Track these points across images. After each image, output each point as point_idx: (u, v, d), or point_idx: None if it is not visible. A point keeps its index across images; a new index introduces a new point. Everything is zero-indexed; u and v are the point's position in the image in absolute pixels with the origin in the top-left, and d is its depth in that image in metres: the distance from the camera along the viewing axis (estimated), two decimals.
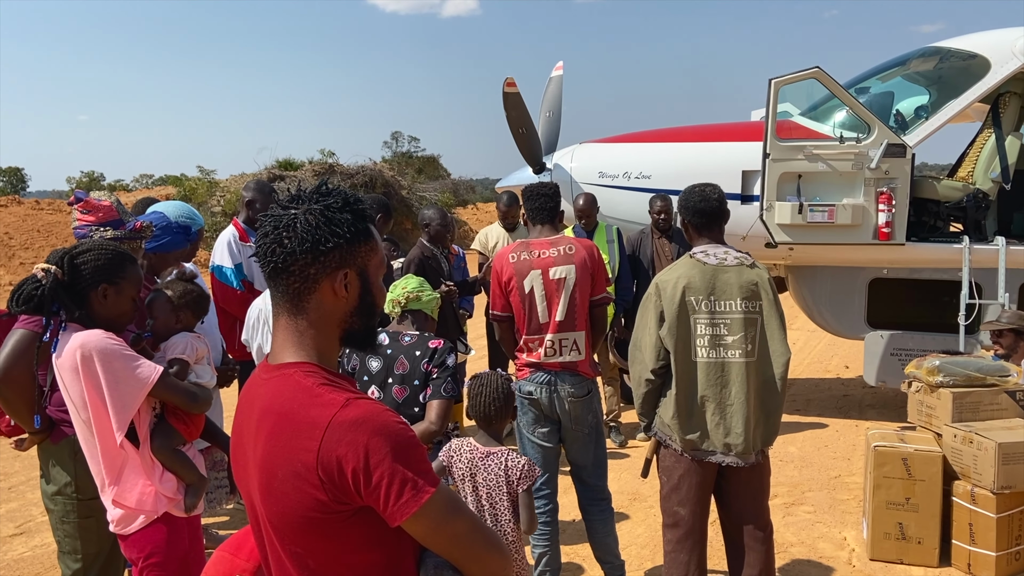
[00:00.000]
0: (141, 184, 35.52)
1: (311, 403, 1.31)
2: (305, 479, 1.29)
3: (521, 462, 2.87)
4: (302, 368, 1.38)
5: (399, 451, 1.29)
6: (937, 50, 6.34)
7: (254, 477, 1.38)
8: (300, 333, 1.41)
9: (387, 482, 1.27)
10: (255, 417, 1.39)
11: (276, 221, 1.39)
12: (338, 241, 1.38)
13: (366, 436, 1.27)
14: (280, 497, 1.32)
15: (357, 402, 1.31)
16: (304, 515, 1.31)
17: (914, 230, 6.07)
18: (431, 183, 30.42)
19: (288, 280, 1.39)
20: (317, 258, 1.37)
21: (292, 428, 1.31)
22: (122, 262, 2.49)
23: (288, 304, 1.41)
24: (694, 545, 3.28)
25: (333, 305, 1.41)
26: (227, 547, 1.59)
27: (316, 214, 1.38)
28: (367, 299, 1.45)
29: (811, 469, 5.51)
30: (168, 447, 2.51)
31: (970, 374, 4.27)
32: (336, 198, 1.41)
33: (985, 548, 3.93)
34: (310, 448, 1.28)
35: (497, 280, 3.59)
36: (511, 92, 6.39)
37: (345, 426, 1.28)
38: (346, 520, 1.31)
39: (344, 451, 1.27)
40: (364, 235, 1.42)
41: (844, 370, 8.41)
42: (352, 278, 1.41)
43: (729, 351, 3.17)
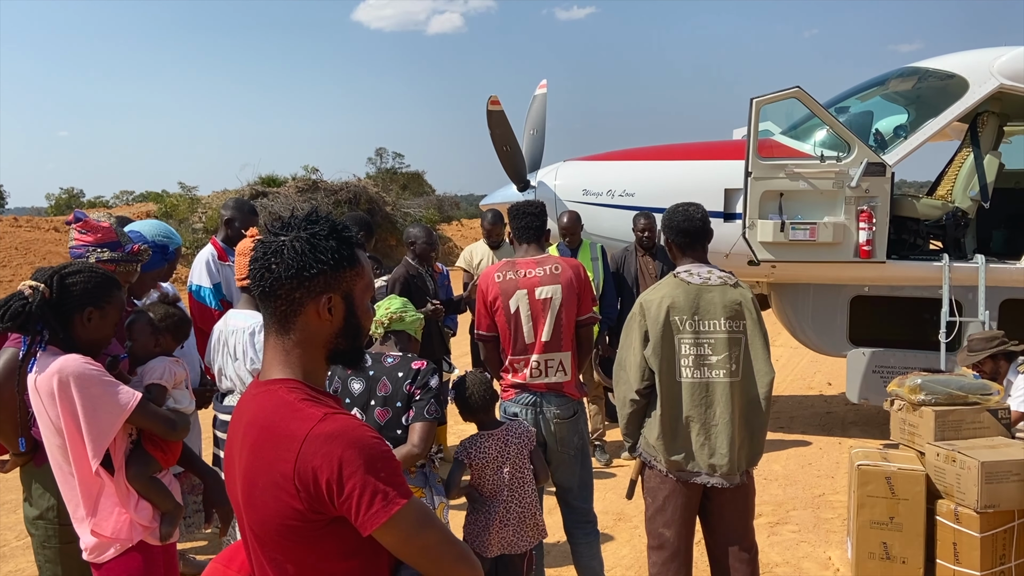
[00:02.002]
0: (121, 200, 35.26)
1: (291, 417, 1.40)
2: (283, 488, 1.37)
3: (523, 428, 3.29)
4: (287, 384, 1.46)
5: (371, 463, 1.36)
6: (916, 70, 6.42)
7: (239, 487, 1.46)
8: (287, 352, 1.49)
9: (359, 492, 1.34)
10: (241, 430, 1.47)
11: (266, 248, 1.48)
12: (322, 268, 1.45)
13: (340, 448, 1.35)
14: (260, 506, 1.41)
15: (334, 416, 1.39)
16: (282, 523, 1.39)
17: (895, 248, 6.12)
18: (415, 199, 30.43)
19: (276, 303, 1.47)
20: (302, 283, 1.45)
21: (272, 440, 1.39)
22: (109, 287, 2.46)
23: (276, 324, 1.49)
24: (680, 567, 3.26)
25: (318, 327, 1.48)
26: (221, 559, 1.64)
27: (303, 241, 1.46)
28: (352, 321, 1.52)
29: (795, 487, 5.50)
30: (144, 475, 2.46)
31: (952, 392, 4.28)
32: (323, 226, 1.48)
33: (969, 567, 3.93)
34: (288, 459, 1.36)
35: (482, 299, 3.57)
36: (495, 110, 6.40)
37: (321, 439, 1.35)
38: (322, 528, 1.39)
39: (319, 462, 1.34)
40: (349, 261, 1.50)
41: (827, 387, 8.44)
42: (336, 302, 1.48)
43: (713, 371, 3.16)
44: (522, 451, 3.24)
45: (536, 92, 7.45)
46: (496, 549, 3.14)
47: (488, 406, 3.26)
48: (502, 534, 3.13)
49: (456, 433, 6.03)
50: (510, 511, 3.15)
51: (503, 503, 3.15)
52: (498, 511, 3.13)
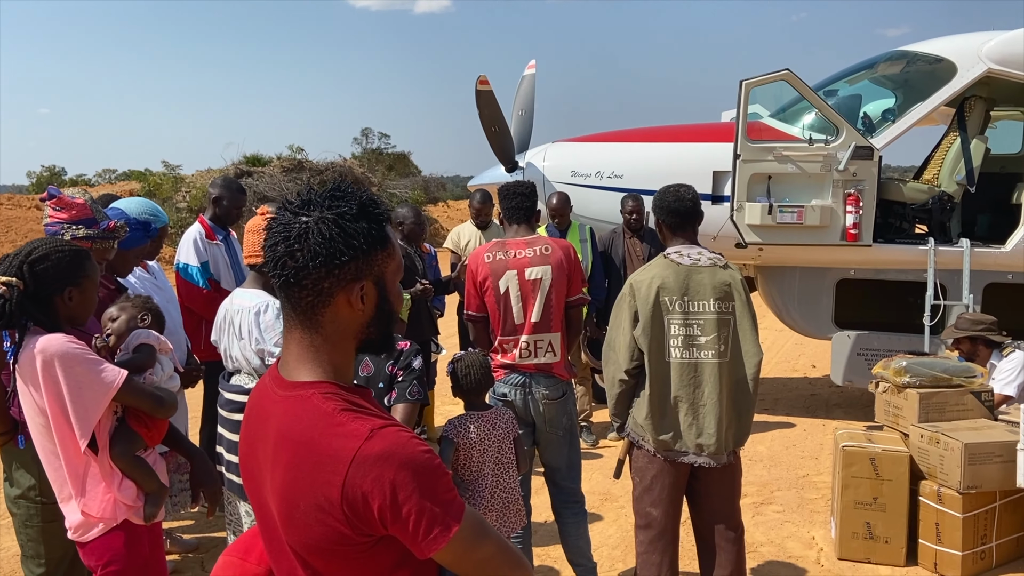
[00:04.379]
0: (104, 179, 34.81)
1: (333, 433, 1.26)
2: (329, 513, 1.25)
3: (508, 414, 3.29)
4: (320, 389, 1.31)
5: (426, 485, 1.25)
6: (904, 54, 6.43)
7: (273, 502, 1.33)
8: (316, 349, 1.34)
9: (415, 519, 1.24)
10: (271, 439, 1.33)
11: (286, 230, 1.30)
12: (354, 254, 1.30)
13: (392, 471, 1.23)
14: (303, 528, 1.29)
15: (381, 433, 1.26)
16: (328, 547, 1.28)
17: (881, 231, 6.15)
18: (402, 180, 30.22)
19: (300, 294, 1.31)
20: (332, 272, 1.29)
21: (314, 460, 1.26)
22: (81, 261, 2.42)
23: (301, 318, 1.34)
24: (666, 546, 3.28)
25: (349, 318, 1.34)
26: (235, 551, 1.54)
27: (330, 223, 1.29)
28: (384, 307, 1.38)
29: (780, 468, 5.56)
30: (129, 453, 2.43)
31: (936, 375, 4.33)
32: (351, 203, 1.32)
33: (951, 547, 3.99)
34: (334, 483, 1.24)
35: (472, 280, 3.56)
36: (484, 90, 6.36)
37: (370, 461, 1.23)
38: (370, 548, 1.29)
39: (370, 487, 1.23)
40: (381, 242, 1.34)
41: (811, 369, 8.51)
42: (369, 289, 1.34)
43: (702, 351, 3.18)
44: (507, 436, 3.23)
45: (525, 72, 7.40)
46: None
47: (481, 389, 3.25)
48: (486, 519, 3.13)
49: (443, 414, 6.04)
50: (494, 496, 3.15)
51: (487, 488, 3.14)
52: (483, 496, 3.13)
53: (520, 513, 3.26)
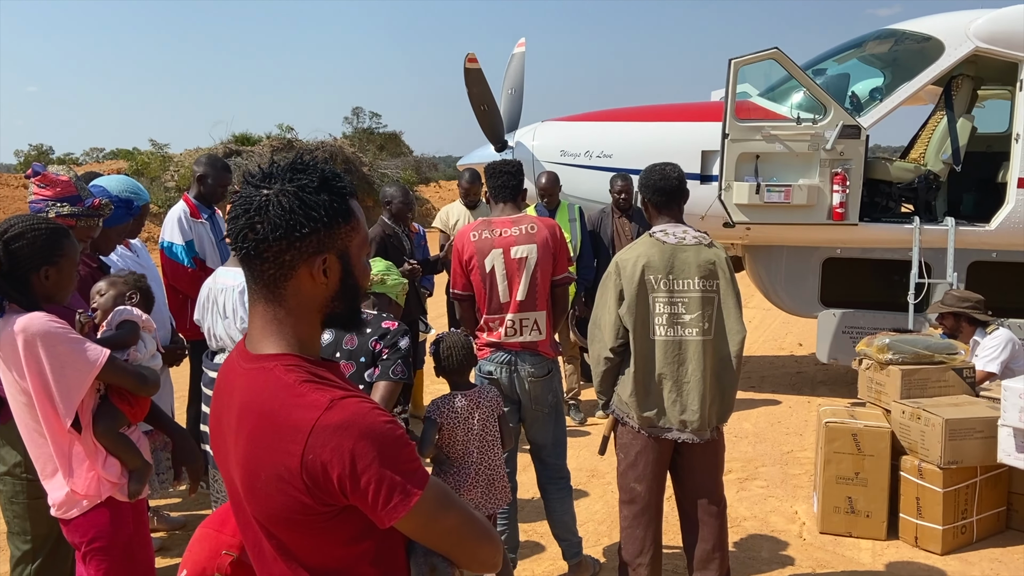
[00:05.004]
0: (91, 158, 34.50)
1: (294, 403, 1.26)
2: (289, 483, 1.26)
3: (493, 392, 3.30)
4: (283, 361, 1.31)
5: (386, 454, 1.25)
6: (892, 32, 6.43)
7: (236, 473, 1.34)
8: (279, 322, 1.34)
9: (375, 488, 1.24)
10: (235, 411, 1.34)
11: (247, 203, 1.30)
12: (315, 226, 1.29)
13: (352, 441, 1.23)
14: (264, 498, 1.29)
15: (342, 403, 1.26)
16: (289, 516, 1.29)
17: (867, 211, 6.18)
18: (393, 160, 30.07)
19: (262, 266, 1.31)
20: (292, 244, 1.29)
21: (274, 430, 1.26)
22: (58, 239, 2.40)
23: (264, 291, 1.33)
24: (650, 521, 3.32)
25: (312, 291, 1.34)
26: (211, 523, 1.55)
27: (290, 196, 1.29)
28: (349, 282, 1.37)
29: (764, 445, 5.62)
30: (112, 430, 2.43)
31: (918, 352, 4.38)
32: (312, 176, 1.31)
33: (932, 521, 4.05)
34: (293, 452, 1.24)
35: (458, 258, 3.57)
36: (473, 68, 6.33)
37: (330, 430, 1.23)
38: (332, 518, 1.29)
39: (329, 456, 1.23)
40: (344, 215, 1.33)
41: (798, 347, 8.57)
42: (332, 262, 1.33)
43: (686, 329, 3.20)
44: (491, 414, 3.25)
45: (514, 51, 7.37)
46: None
47: (464, 368, 3.26)
48: (471, 496, 3.16)
49: (431, 393, 6.06)
50: (479, 474, 3.18)
51: (473, 465, 3.17)
52: (468, 474, 3.16)
53: (505, 490, 3.29)
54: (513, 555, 3.68)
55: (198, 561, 1.47)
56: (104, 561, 2.43)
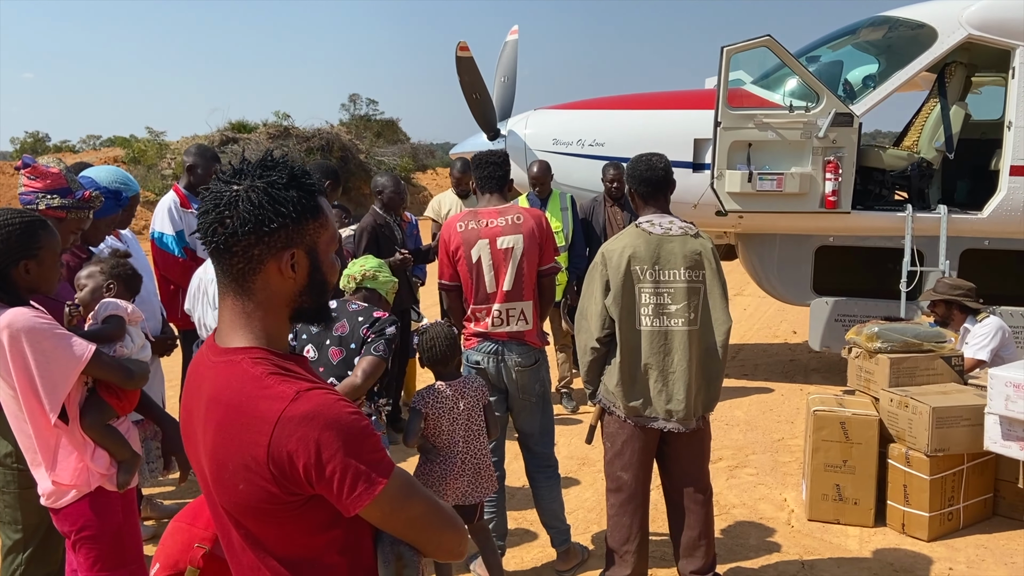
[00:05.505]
0: (88, 145, 34.42)
1: (260, 395, 1.29)
2: (256, 473, 1.28)
3: (479, 382, 3.34)
4: (250, 354, 1.34)
5: (351, 444, 1.28)
6: (886, 19, 6.40)
7: (205, 464, 1.37)
8: (247, 315, 1.37)
9: (339, 476, 1.27)
10: (203, 403, 1.36)
11: (217, 198, 1.33)
12: (283, 221, 1.32)
13: (316, 431, 1.26)
14: (231, 488, 1.32)
15: (307, 395, 1.29)
16: (256, 505, 1.31)
17: (860, 198, 6.18)
18: (390, 147, 29.99)
19: (231, 260, 1.34)
20: (261, 239, 1.32)
21: (241, 421, 1.29)
22: (34, 231, 2.39)
23: (233, 285, 1.36)
24: (636, 508, 3.35)
25: (280, 285, 1.36)
26: (183, 517, 1.58)
27: (259, 191, 1.32)
28: (317, 277, 1.40)
29: (755, 432, 5.64)
30: (99, 423, 2.45)
31: (907, 340, 4.39)
32: (281, 173, 1.34)
33: (919, 509, 4.08)
34: (260, 443, 1.27)
35: (445, 249, 3.58)
36: (464, 57, 6.31)
37: (295, 421, 1.26)
38: (299, 507, 1.32)
39: (294, 447, 1.26)
40: (312, 212, 1.36)
41: (792, 335, 8.59)
42: (300, 257, 1.36)
43: (672, 320, 3.21)
44: (476, 404, 3.27)
45: (507, 38, 7.34)
46: (451, 500, 3.20)
47: (448, 359, 3.28)
48: (456, 485, 3.19)
49: (424, 382, 6.07)
50: (465, 463, 3.21)
51: (459, 455, 3.19)
52: (454, 463, 3.19)
53: (491, 479, 3.31)
54: (502, 543, 3.71)
55: (171, 555, 1.49)
56: (93, 549, 2.45)
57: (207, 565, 1.48)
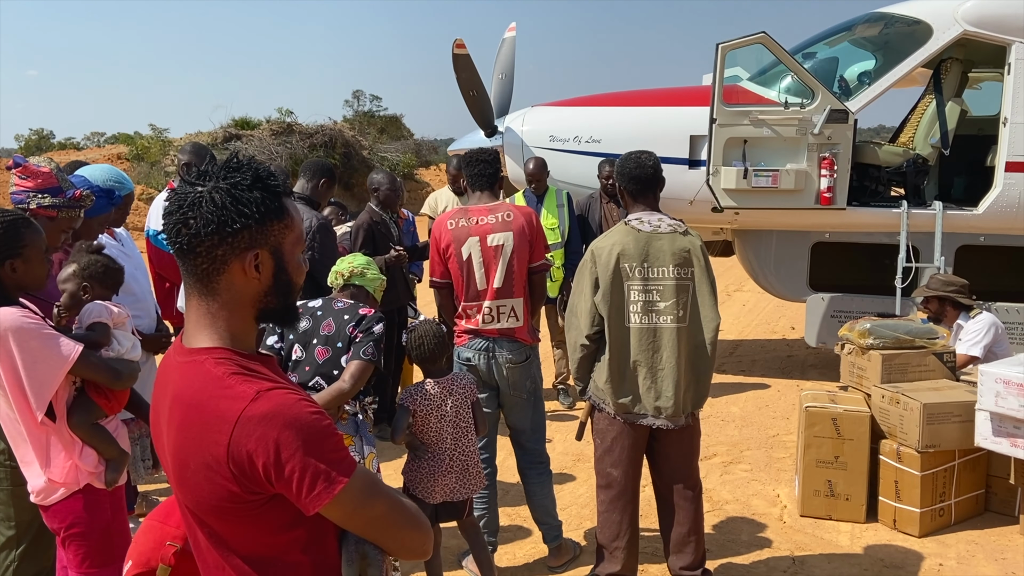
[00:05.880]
0: (92, 142, 34.49)
1: (221, 395, 1.31)
2: (216, 471, 1.30)
3: (468, 379, 3.37)
4: (214, 355, 1.35)
5: (310, 443, 1.29)
6: (882, 16, 6.40)
7: (169, 464, 1.39)
8: (212, 316, 1.38)
9: (299, 476, 1.28)
10: (167, 402, 1.38)
11: (181, 199, 1.34)
12: (246, 222, 1.33)
13: (276, 431, 1.27)
14: (193, 486, 1.34)
15: (268, 395, 1.30)
16: (218, 504, 1.33)
17: (857, 195, 6.18)
18: (393, 144, 29.99)
19: (196, 261, 1.35)
20: (224, 239, 1.33)
21: (202, 421, 1.31)
22: (17, 230, 2.41)
23: (198, 285, 1.37)
24: (626, 505, 3.38)
25: (245, 286, 1.37)
26: (156, 516, 1.59)
27: (223, 192, 1.33)
28: (282, 278, 1.41)
29: (751, 428, 5.66)
30: (85, 422, 2.47)
31: (899, 336, 4.41)
32: (245, 174, 1.35)
33: (910, 504, 4.09)
34: (220, 442, 1.29)
35: (436, 247, 3.60)
36: (461, 54, 6.33)
37: (254, 421, 1.27)
38: (261, 506, 1.33)
39: (254, 446, 1.27)
40: (276, 213, 1.37)
41: (790, 331, 8.59)
42: (264, 258, 1.37)
43: (661, 317, 3.23)
44: (465, 401, 3.29)
45: (505, 35, 7.34)
46: (439, 496, 3.23)
47: (436, 356, 3.30)
48: (445, 481, 3.22)
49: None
50: (454, 459, 3.23)
51: (447, 451, 3.22)
52: (443, 459, 3.21)
53: (480, 475, 3.34)
54: (493, 539, 3.74)
55: (143, 552, 1.51)
56: (82, 546, 2.48)
57: (178, 563, 1.49)
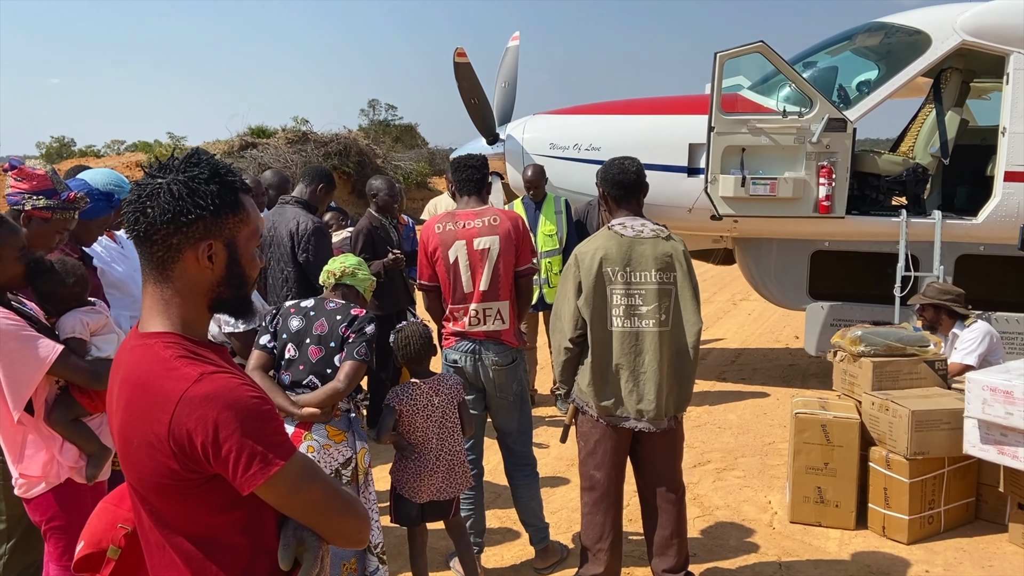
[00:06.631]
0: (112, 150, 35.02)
1: (166, 376, 1.36)
2: (158, 449, 1.36)
3: (454, 380, 3.43)
4: (163, 339, 1.41)
5: (249, 425, 1.34)
6: (882, 25, 6.42)
7: (116, 440, 1.45)
8: (166, 302, 1.44)
9: (235, 455, 1.33)
10: (118, 383, 1.45)
11: (141, 190, 1.41)
12: (200, 213, 1.40)
13: (215, 411, 1.33)
14: (136, 463, 1.40)
15: (210, 377, 1.36)
16: (159, 481, 1.38)
17: (857, 203, 6.19)
18: (407, 152, 30.20)
19: (151, 249, 1.41)
20: (179, 228, 1.39)
21: (146, 399, 1.37)
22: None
23: (154, 272, 1.43)
24: (609, 507, 3.41)
25: (198, 275, 1.44)
26: (111, 499, 1.65)
27: (180, 184, 1.39)
28: (235, 270, 1.47)
29: (747, 436, 5.67)
30: (64, 419, 2.52)
31: (890, 344, 4.41)
32: (203, 168, 1.42)
33: (899, 511, 4.10)
34: (162, 420, 1.34)
35: (424, 250, 3.66)
36: (462, 62, 6.41)
37: (196, 401, 1.33)
38: (200, 485, 1.38)
39: (193, 425, 1.33)
40: (232, 207, 1.44)
41: (794, 340, 8.58)
42: (218, 249, 1.43)
43: (643, 321, 3.27)
44: (451, 402, 3.34)
45: (508, 44, 7.42)
46: (426, 496, 3.28)
47: (422, 357, 3.35)
48: (431, 481, 3.26)
49: None
50: (440, 460, 3.28)
51: (433, 452, 3.27)
52: (428, 459, 3.26)
53: (466, 475, 3.38)
54: (480, 539, 3.78)
55: (95, 533, 1.56)
56: (62, 539, 2.54)
57: (128, 545, 1.54)
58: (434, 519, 3.42)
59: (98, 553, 1.54)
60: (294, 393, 3.02)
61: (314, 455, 2.95)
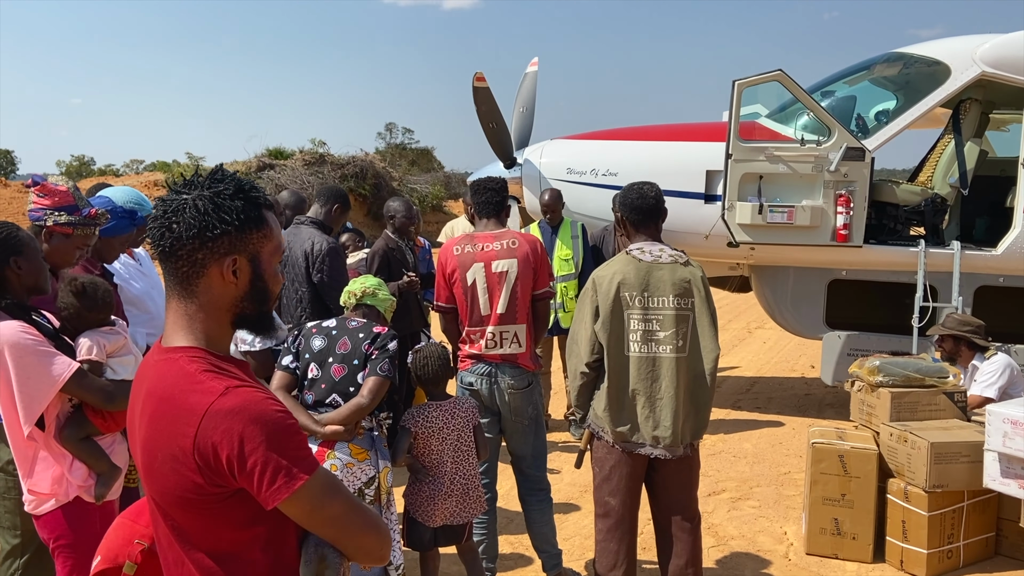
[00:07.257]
0: (131, 169, 35.48)
1: (191, 389, 1.36)
2: (182, 463, 1.35)
3: (470, 403, 3.43)
4: (188, 353, 1.42)
5: (274, 439, 1.34)
6: (901, 56, 6.43)
7: (138, 456, 1.45)
8: (190, 317, 1.44)
9: (260, 469, 1.33)
10: (142, 397, 1.45)
11: (167, 205, 1.42)
12: (226, 228, 1.41)
13: (241, 424, 1.33)
14: (159, 477, 1.39)
15: (236, 391, 1.36)
16: (182, 495, 1.38)
17: (875, 233, 6.16)
18: (423, 175, 30.44)
19: (177, 264, 1.42)
20: (204, 244, 1.40)
21: (171, 413, 1.37)
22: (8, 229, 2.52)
23: (178, 287, 1.44)
24: (623, 534, 3.37)
25: (222, 290, 1.44)
26: (128, 514, 1.65)
27: (206, 200, 1.41)
28: (258, 285, 1.48)
29: (762, 465, 5.61)
30: (75, 437, 2.52)
31: (909, 375, 4.37)
32: (228, 184, 1.44)
33: (917, 545, 4.03)
34: (187, 434, 1.34)
35: (441, 272, 3.67)
36: (481, 87, 6.47)
37: (221, 414, 1.33)
38: (224, 500, 1.38)
39: (219, 438, 1.33)
40: (256, 222, 1.45)
41: (810, 370, 8.51)
42: (242, 264, 1.44)
43: (660, 346, 3.25)
44: (466, 425, 3.32)
45: (527, 70, 7.50)
46: (439, 519, 3.26)
47: (439, 379, 3.36)
48: (445, 505, 3.24)
49: None
50: (454, 483, 3.26)
51: (447, 475, 3.25)
52: (443, 483, 3.24)
53: (480, 499, 3.36)
54: (492, 565, 3.75)
55: (112, 549, 1.56)
56: (70, 558, 2.53)
57: (144, 561, 1.54)
58: (447, 543, 3.39)
59: (114, 568, 1.53)
60: (316, 413, 3.02)
61: (337, 474, 2.95)
